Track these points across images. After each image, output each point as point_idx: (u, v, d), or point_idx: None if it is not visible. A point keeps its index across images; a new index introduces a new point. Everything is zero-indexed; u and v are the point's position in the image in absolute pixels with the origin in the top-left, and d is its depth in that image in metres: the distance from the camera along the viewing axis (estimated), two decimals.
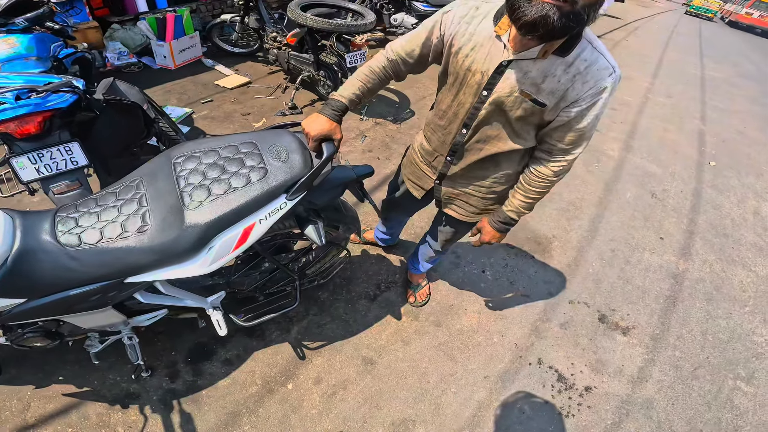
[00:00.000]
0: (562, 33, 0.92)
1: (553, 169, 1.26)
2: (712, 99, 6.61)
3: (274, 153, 1.30)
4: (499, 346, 2.13)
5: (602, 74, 1.05)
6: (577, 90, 1.07)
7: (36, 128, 1.72)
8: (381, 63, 1.36)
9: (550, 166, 1.26)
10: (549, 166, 1.26)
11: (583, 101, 1.08)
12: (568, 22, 0.88)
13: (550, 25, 0.88)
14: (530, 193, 1.33)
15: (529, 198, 1.35)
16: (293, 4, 3.40)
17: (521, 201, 1.37)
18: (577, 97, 1.07)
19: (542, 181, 1.29)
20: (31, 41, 2.35)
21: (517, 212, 1.39)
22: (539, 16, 0.87)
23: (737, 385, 2.15)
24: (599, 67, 1.05)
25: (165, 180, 1.25)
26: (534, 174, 1.30)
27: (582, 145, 1.21)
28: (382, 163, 3.34)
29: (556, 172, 1.26)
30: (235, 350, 1.90)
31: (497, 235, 1.48)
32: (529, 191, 1.34)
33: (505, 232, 1.48)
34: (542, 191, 1.33)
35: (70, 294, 1.16)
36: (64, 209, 1.24)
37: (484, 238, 1.52)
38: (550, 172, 1.27)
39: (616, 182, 3.69)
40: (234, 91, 4.10)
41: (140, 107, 2.04)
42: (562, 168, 1.26)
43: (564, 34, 0.93)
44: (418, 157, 1.59)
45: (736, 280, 2.83)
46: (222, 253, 1.24)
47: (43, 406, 1.63)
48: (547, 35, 0.92)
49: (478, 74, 1.16)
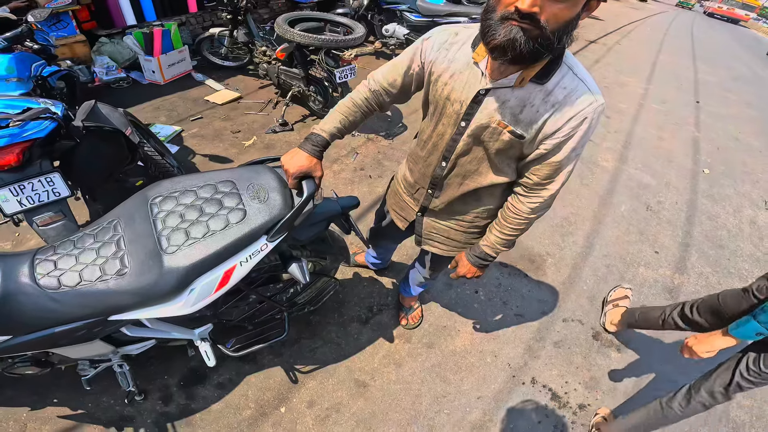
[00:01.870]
0: (533, 57, 0.89)
1: (528, 206, 1.20)
2: (707, 104, 6.61)
3: (252, 193, 1.27)
4: (492, 366, 2.12)
5: (582, 104, 1.00)
6: (556, 120, 1.01)
7: (15, 159, 1.68)
8: (363, 94, 1.33)
9: (526, 201, 1.20)
10: (525, 201, 1.20)
11: (560, 133, 1.02)
12: (535, 45, 0.86)
13: (518, 49, 0.86)
14: (506, 229, 1.27)
15: (505, 234, 1.28)
16: (281, 19, 3.37)
17: (497, 237, 1.30)
18: (555, 129, 1.02)
19: (518, 217, 1.23)
20: (11, 62, 2.32)
21: (493, 248, 1.33)
22: (507, 39, 0.85)
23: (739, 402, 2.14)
24: (579, 96, 1.00)
25: (142, 222, 1.24)
26: (510, 210, 1.24)
27: (559, 180, 1.14)
28: (375, 182, 3.29)
29: (532, 208, 1.20)
30: (227, 374, 1.90)
31: (473, 269, 1.40)
32: (504, 227, 1.27)
33: (482, 268, 1.40)
34: (519, 228, 1.26)
35: (54, 331, 1.17)
36: (43, 251, 1.23)
37: (460, 271, 1.45)
38: (525, 208, 1.20)
39: (611, 195, 3.66)
40: (224, 107, 4.06)
41: (122, 133, 2.00)
42: (538, 204, 1.19)
43: (534, 58, 0.90)
44: (401, 188, 1.55)
45: None
46: (203, 295, 1.23)
47: (39, 428, 1.64)
48: (516, 59, 0.89)
49: (456, 103, 1.12)
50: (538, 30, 0.84)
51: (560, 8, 0.82)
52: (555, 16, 0.82)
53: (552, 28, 0.84)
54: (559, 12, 0.82)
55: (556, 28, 0.84)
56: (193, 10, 5.09)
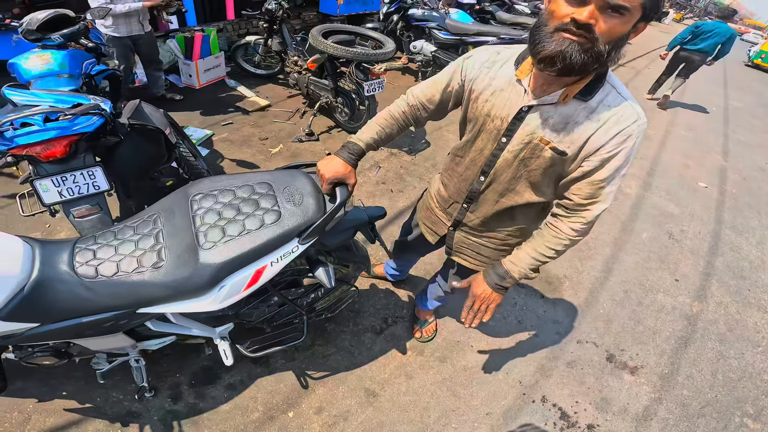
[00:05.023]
0: (581, 70, 0.91)
1: (570, 225, 1.15)
2: (734, 131, 6.49)
3: (288, 195, 1.31)
4: (503, 383, 2.11)
5: (627, 121, 1.00)
6: (600, 137, 1.01)
7: (62, 152, 1.76)
8: (401, 108, 1.35)
9: (567, 222, 1.16)
10: (566, 222, 1.16)
11: (604, 150, 1.02)
12: (587, 58, 0.88)
13: (568, 60, 0.88)
14: (540, 248, 1.19)
15: (538, 253, 1.20)
16: (315, 30, 3.47)
17: (527, 255, 1.22)
18: (599, 145, 1.02)
19: (556, 237, 1.18)
20: (65, 58, 2.38)
21: (518, 267, 1.23)
22: (558, 50, 0.88)
23: (744, 422, 2.13)
24: (624, 114, 1.00)
25: (182, 217, 1.28)
26: (550, 228, 1.19)
27: (601, 200, 1.10)
28: (395, 196, 3.33)
29: (573, 229, 1.15)
30: (239, 376, 1.91)
31: (488, 291, 1.28)
32: (539, 245, 1.20)
33: (499, 292, 1.28)
34: (554, 249, 1.19)
35: (82, 321, 1.18)
36: (83, 240, 1.27)
37: (474, 291, 1.32)
38: (566, 228, 1.16)
39: (633, 222, 3.62)
40: (253, 114, 4.18)
41: (162, 133, 2.08)
42: (579, 226, 1.14)
43: (583, 71, 0.92)
44: (434, 203, 1.56)
45: (751, 322, 2.78)
46: (233, 292, 1.26)
47: (44, 420, 1.65)
48: (565, 70, 0.91)
49: (497, 120, 1.13)
50: (590, 43, 0.86)
51: (615, 23, 0.85)
52: (608, 30, 0.86)
53: (604, 41, 0.87)
54: (613, 26, 0.85)
55: (608, 41, 0.87)
56: (230, 17, 5.27)
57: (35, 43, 2.46)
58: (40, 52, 2.39)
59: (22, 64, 2.31)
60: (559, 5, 0.88)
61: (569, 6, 0.86)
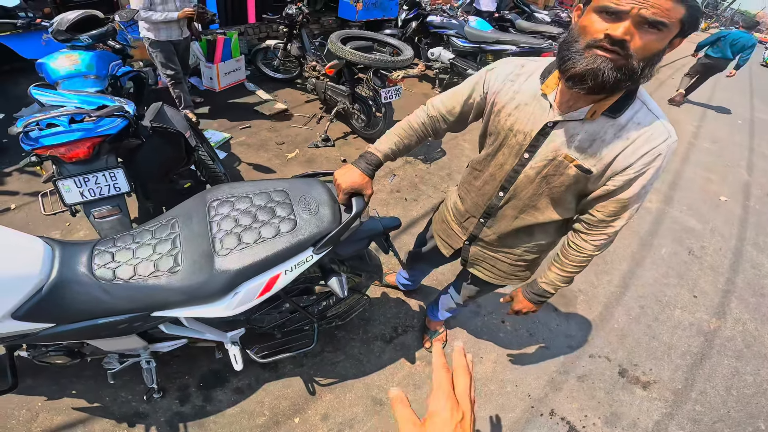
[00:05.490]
0: (613, 88, 0.88)
1: (592, 243, 1.17)
2: (759, 145, 6.32)
3: (304, 204, 1.32)
4: (512, 395, 2.10)
5: (657, 140, 0.97)
6: (627, 156, 0.99)
7: (85, 153, 1.79)
8: (420, 119, 1.34)
9: (588, 239, 1.17)
10: (587, 239, 1.18)
11: (632, 169, 0.99)
12: (620, 76, 0.85)
13: (600, 78, 0.85)
14: (566, 267, 1.25)
15: (566, 272, 1.26)
16: (334, 36, 3.50)
17: (557, 275, 1.28)
18: (627, 164, 0.99)
19: (580, 255, 1.21)
20: (92, 59, 2.44)
21: (552, 285, 1.31)
22: (590, 68, 0.85)
23: None
24: (654, 132, 0.97)
25: (199, 223, 1.29)
26: (571, 247, 1.22)
27: (624, 217, 1.10)
28: (410, 205, 3.31)
29: (595, 245, 1.17)
30: (246, 379, 1.92)
31: (530, 305, 1.39)
32: (565, 265, 1.25)
33: (539, 304, 1.39)
34: (580, 265, 1.23)
35: (98, 323, 1.20)
36: (103, 242, 1.29)
37: (515, 306, 1.44)
38: (589, 245, 1.18)
39: (653, 237, 3.55)
40: (271, 118, 4.22)
41: (183, 136, 2.11)
42: (602, 242, 1.16)
43: (615, 89, 0.89)
44: (450, 216, 1.54)
45: None
46: (246, 299, 1.27)
47: (51, 418, 1.68)
48: (595, 88, 0.88)
49: (520, 135, 1.10)
50: (624, 60, 0.84)
51: (651, 39, 0.82)
52: (644, 46, 0.82)
53: (639, 58, 0.84)
54: (649, 42, 0.82)
55: (642, 58, 0.84)
56: (251, 21, 5.35)
57: (64, 44, 2.52)
58: (68, 52, 2.45)
59: (50, 64, 2.37)
60: (592, 21, 0.85)
61: (603, 22, 0.84)
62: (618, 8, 0.80)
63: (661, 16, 0.79)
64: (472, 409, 0.55)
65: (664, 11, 0.79)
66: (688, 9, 0.80)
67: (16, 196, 2.75)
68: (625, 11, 0.80)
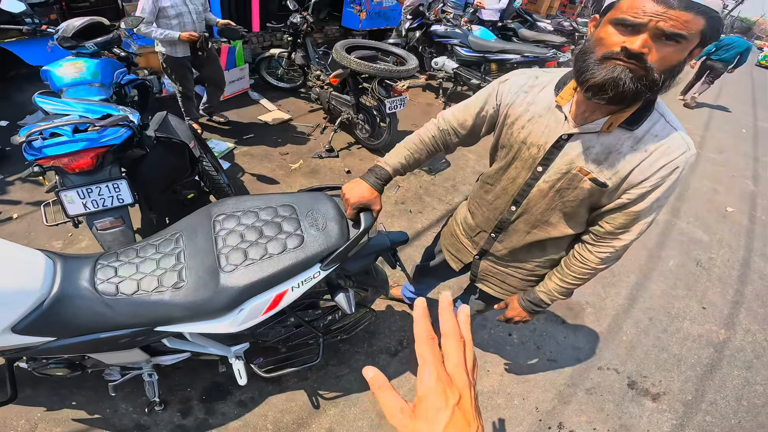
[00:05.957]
0: (633, 98, 0.86)
1: (598, 255, 1.13)
2: (765, 155, 6.30)
3: (311, 220, 1.29)
4: (519, 408, 2.07)
5: (675, 153, 0.94)
6: (644, 169, 0.96)
7: (89, 164, 1.77)
8: (431, 132, 1.31)
9: (594, 250, 1.14)
10: (593, 251, 1.14)
11: (648, 182, 0.97)
12: (640, 86, 0.82)
13: (620, 88, 0.83)
14: (568, 277, 1.21)
15: (566, 282, 1.22)
16: (339, 45, 3.48)
17: (556, 285, 1.24)
18: (643, 178, 0.96)
19: (584, 266, 1.17)
20: (97, 67, 2.42)
21: (550, 295, 1.27)
22: (610, 78, 0.83)
23: None
24: (672, 145, 0.94)
25: (204, 238, 1.27)
26: (576, 258, 1.18)
27: (634, 230, 1.07)
28: (414, 217, 3.28)
29: (601, 258, 1.13)
30: (250, 393, 1.90)
31: (524, 314, 1.35)
32: (566, 275, 1.21)
33: (533, 314, 1.34)
34: (581, 278, 1.19)
35: (99, 337, 1.18)
36: (106, 257, 1.27)
37: (508, 314, 1.39)
38: (594, 258, 1.14)
39: (660, 249, 3.51)
40: (275, 128, 4.20)
41: (187, 146, 2.09)
42: (608, 255, 1.12)
43: (635, 99, 0.87)
44: (460, 230, 1.51)
45: None
46: (252, 315, 1.25)
47: (50, 429, 1.65)
48: (615, 99, 0.86)
49: (533, 148, 1.07)
50: (643, 71, 0.81)
51: (670, 51, 0.79)
52: (663, 58, 0.80)
53: (659, 70, 0.81)
54: (668, 55, 0.80)
55: (662, 70, 0.82)
56: (256, 29, 5.35)
57: (69, 51, 2.51)
58: (73, 60, 2.43)
59: (55, 72, 2.35)
60: (609, 33, 0.83)
61: (620, 35, 0.82)
62: (635, 21, 0.78)
63: (679, 28, 0.76)
64: (470, 384, 0.41)
65: (682, 23, 0.76)
66: (708, 20, 0.78)
67: (18, 206, 2.72)
68: (642, 24, 0.78)
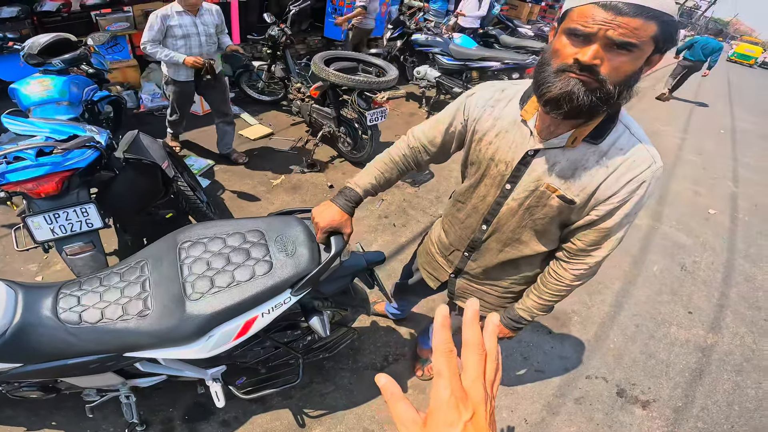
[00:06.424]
0: (590, 112, 0.84)
1: (572, 272, 1.12)
2: (744, 155, 6.43)
3: (280, 245, 1.27)
4: (507, 421, 2.05)
5: (641, 166, 0.92)
6: (611, 185, 0.94)
7: (54, 188, 1.72)
8: (402, 151, 1.29)
9: (568, 268, 1.12)
10: (567, 267, 1.12)
11: (615, 198, 0.95)
12: (595, 99, 0.81)
13: (575, 102, 0.81)
14: (545, 294, 1.20)
15: (543, 300, 1.21)
16: (317, 58, 3.45)
17: (534, 302, 1.23)
18: (611, 193, 0.95)
19: (559, 284, 1.15)
20: (65, 85, 2.36)
21: (529, 312, 1.25)
22: (564, 91, 0.81)
23: None
24: (637, 158, 0.93)
25: (169, 266, 1.26)
26: (551, 275, 1.17)
27: (606, 247, 1.06)
28: (398, 231, 3.24)
29: (575, 275, 1.12)
30: (233, 412, 1.86)
31: (506, 331, 1.32)
32: (543, 293, 1.20)
33: (515, 330, 1.32)
34: (558, 295, 1.18)
35: (67, 363, 1.19)
36: (68, 286, 1.26)
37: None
38: (568, 275, 1.12)
39: (644, 254, 3.53)
40: (256, 143, 4.14)
41: (159, 167, 2.04)
42: (582, 272, 1.11)
43: (591, 113, 0.85)
44: (435, 249, 1.49)
45: None
46: (222, 342, 1.23)
47: None
48: (571, 113, 0.84)
49: (501, 164, 1.05)
50: (597, 83, 0.80)
51: (622, 61, 0.78)
52: (616, 69, 0.78)
53: (613, 81, 0.80)
54: (621, 65, 0.78)
55: (616, 82, 0.80)
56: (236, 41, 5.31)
57: (37, 68, 2.45)
58: (40, 77, 2.38)
59: (21, 90, 2.30)
60: (563, 44, 0.82)
61: (573, 46, 0.80)
62: (585, 31, 0.77)
63: (629, 36, 0.74)
64: (487, 400, 0.39)
65: (632, 31, 0.74)
66: (660, 25, 0.75)
67: None
68: (592, 33, 0.76)
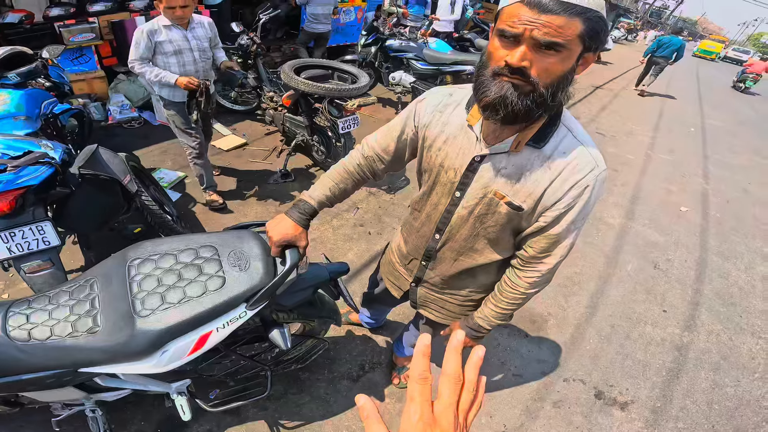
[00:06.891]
0: (526, 116, 0.83)
1: (525, 280, 1.10)
2: (714, 152, 6.60)
3: (234, 260, 1.25)
4: (486, 427, 2.04)
5: (583, 171, 0.91)
6: (555, 190, 0.93)
7: (8, 207, 1.66)
8: (356, 161, 1.26)
9: (522, 275, 1.11)
10: (521, 275, 1.11)
11: (561, 204, 0.94)
12: (529, 103, 0.80)
13: (509, 107, 0.80)
14: (501, 303, 1.17)
15: (500, 308, 1.18)
16: (287, 66, 3.39)
17: (492, 310, 1.20)
18: (556, 199, 0.94)
19: (514, 291, 1.13)
20: (21, 99, 2.29)
21: (487, 321, 1.22)
22: (498, 95, 0.80)
23: None
24: (580, 163, 0.92)
25: (118, 284, 1.23)
26: (506, 284, 1.15)
27: (556, 254, 1.04)
28: (374, 238, 3.20)
29: (529, 283, 1.10)
30: (207, 425, 1.83)
31: (466, 339, 1.28)
32: (500, 301, 1.18)
33: (476, 339, 1.29)
34: (515, 302, 1.16)
35: (22, 378, 1.16)
36: (18, 304, 1.25)
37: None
38: (523, 282, 1.11)
39: (617, 254, 3.56)
40: (229, 153, 4.07)
41: (118, 183, 1.98)
42: (536, 279, 1.09)
43: (528, 117, 0.84)
44: (395, 258, 1.47)
45: (745, 348, 2.77)
46: (176, 356, 1.22)
47: None
48: (509, 118, 0.83)
49: (450, 171, 1.03)
50: (530, 86, 0.79)
51: (551, 62, 0.77)
52: (546, 70, 0.77)
53: (544, 83, 0.79)
54: (551, 66, 0.77)
55: (548, 84, 0.79)
56: None
57: None
58: None
59: None
60: (496, 46, 0.81)
61: (503, 48, 0.79)
62: (512, 32, 0.76)
63: (553, 36, 0.73)
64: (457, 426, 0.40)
65: (556, 30, 0.73)
66: (585, 22, 0.74)
67: None
68: (519, 34, 0.75)
